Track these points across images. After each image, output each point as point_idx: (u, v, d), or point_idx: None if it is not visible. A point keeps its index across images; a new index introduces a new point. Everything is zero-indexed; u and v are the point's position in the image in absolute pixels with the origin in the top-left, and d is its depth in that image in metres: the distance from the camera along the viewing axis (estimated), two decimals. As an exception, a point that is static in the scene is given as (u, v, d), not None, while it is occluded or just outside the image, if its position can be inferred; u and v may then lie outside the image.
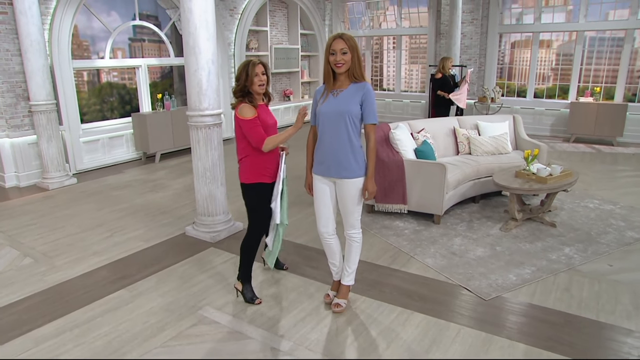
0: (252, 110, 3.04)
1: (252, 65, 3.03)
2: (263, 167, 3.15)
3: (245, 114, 3.02)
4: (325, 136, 2.83)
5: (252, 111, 3.04)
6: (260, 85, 3.07)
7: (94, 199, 5.84)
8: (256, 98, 3.11)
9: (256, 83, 3.04)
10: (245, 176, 3.22)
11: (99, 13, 7.73)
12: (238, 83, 3.07)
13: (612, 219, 4.73)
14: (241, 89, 3.06)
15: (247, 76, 3.02)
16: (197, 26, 3.94)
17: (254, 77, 3.02)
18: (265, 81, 3.08)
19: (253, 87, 3.05)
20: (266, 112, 3.19)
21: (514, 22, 10.03)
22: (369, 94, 2.80)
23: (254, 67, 3.02)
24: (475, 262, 3.76)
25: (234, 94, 3.12)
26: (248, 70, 3.02)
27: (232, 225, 4.54)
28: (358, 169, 2.87)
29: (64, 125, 6.90)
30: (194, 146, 4.26)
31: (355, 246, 3.05)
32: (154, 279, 3.70)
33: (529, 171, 4.54)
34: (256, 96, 3.11)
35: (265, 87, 3.11)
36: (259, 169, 3.15)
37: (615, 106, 8.56)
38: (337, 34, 2.73)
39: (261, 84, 3.07)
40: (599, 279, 3.50)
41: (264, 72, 3.07)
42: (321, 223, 3.03)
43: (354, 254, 3.07)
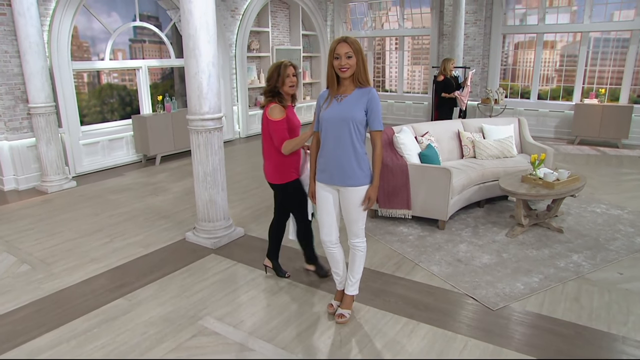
0: (281, 112, 3.15)
1: (284, 66, 3.15)
2: (289, 165, 3.29)
3: (274, 115, 3.14)
4: (329, 143, 2.75)
5: (281, 113, 3.15)
6: (291, 86, 3.18)
7: (93, 202, 5.76)
8: (285, 99, 3.22)
9: (287, 84, 3.15)
10: (276, 177, 3.36)
11: (99, 14, 7.67)
12: (269, 83, 3.20)
13: (620, 224, 4.64)
14: (271, 90, 3.19)
15: (278, 76, 3.14)
16: (198, 28, 3.86)
17: (286, 78, 3.14)
18: (295, 82, 3.20)
19: (284, 88, 3.17)
20: (293, 114, 3.30)
21: (518, 22, 9.93)
22: (374, 99, 2.72)
23: (286, 69, 3.14)
24: (481, 270, 3.68)
25: (265, 94, 3.25)
26: (280, 71, 3.14)
27: (233, 231, 4.46)
28: (363, 177, 2.79)
29: (63, 128, 6.83)
30: (194, 150, 4.18)
31: (360, 255, 2.97)
32: (154, 287, 3.62)
33: (536, 176, 4.46)
34: (286, 97, 3.22)
35: (295, 88, 3.22)
36: (287, 167, 3.29)
37: (620, 108, 8.47)
38: (341, 37, 2.65)
39: (292, 85, 3.18)
40: (609, 288, 3.41)
41: (294, 74, 3.18)
42: (324, 232, 2.94)
43: (358, 263, 2.99)
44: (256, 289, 3.53)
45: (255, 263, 3.95)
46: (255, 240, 4.45)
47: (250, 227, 4.78)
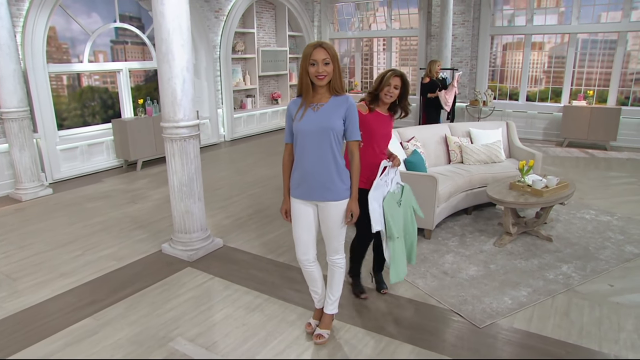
0: (363, 108, 3.13)
1: (389, 75, 3.07)
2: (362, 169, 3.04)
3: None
4: (306, 155, 2.57)
5: (362, 108, 3.13)
6: (387, 95, 3.08)
7: (68, 211, 5.54)
8: (380, 105, 3.15)
9: (384, 91, 3.08)
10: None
11: (78, 14, 7.43)
12: (373, 85, 3.17)
13: (609, 231, 4.53)
14: (372, 92, 3.16)
15: (381, 82, 3.09)
16: (170, 31, 3.67)
17: (386, 86, 3.06)
18: (395, 95, 3.08)
19: (381, 94, 3.10)
20: (381, 121, 3.16)
21: (506, 23, 9.85)
22: (353, 108, 2.56)
23: (390, 78, 3.05)
24: (467, 283, 3.53)
25: (368, 93, 3.21)
26: (384, 78, 3.08)
27: (211, 242, 4.28)
28: (344, 190, 2.62)
29: (39, 133, 6.59)
30: (169, 159, 3.99)
31: (339, 272, 2.81)
32: (124, 304, 3.43)
33: (524, 183, 4.33)
34: (381, 103, 3.14)
35: (391, 98, 3.10)
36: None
37: (608, 110, 8.40)
38: (316, 42, 2.48)
39: (388, 94, 3.08)
40: (599, 301, 3.29)
41: (396, 86, 3.06)
42: (301, 250, 2.76)
43: (337, 280, 2.82)
44: (232, 306, 3.35)
45: (232, 277, 3.77)
46: (234, 252, 4.27)
47: (230, 238, 4.59)
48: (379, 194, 2.93)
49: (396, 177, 3.04)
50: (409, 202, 3.10)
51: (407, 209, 3.09)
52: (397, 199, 3.02)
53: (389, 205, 2.93)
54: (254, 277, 3.76)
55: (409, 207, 3.10)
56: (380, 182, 2.95)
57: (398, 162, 3.05)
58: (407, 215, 3.08)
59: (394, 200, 2.98)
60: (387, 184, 2.98)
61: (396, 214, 2.97)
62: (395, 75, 3.04)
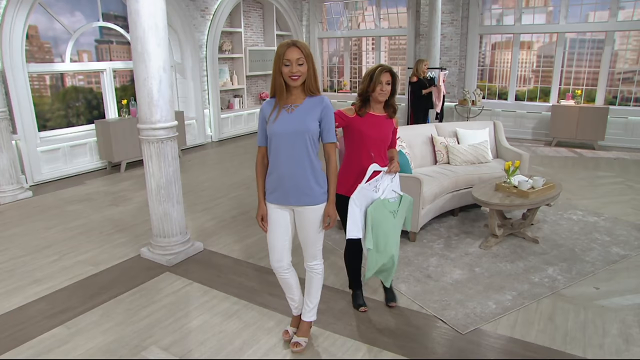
0: (350, 110, 2.96)
1: (378, 71, 2.86)
2: (341, 175, 2.96)
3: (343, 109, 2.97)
4: (281, 159, 2.47)
5: (350, 111, 2.96)
6: (381, 94, 2.88)
7: (47, 215, 5.40)
8: (373, 106, 2.96)
9: (377, 91, 2.87)
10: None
11: (60, 13, 7.28)
12: (361, 87, 2.96)
13: (596, 232, 4.49)
14: (362, 93, 2.95)
15: (370, 81, 2.88)
16: (146, 30, 3.56)
17: (377, 85, 2.87)
18: (388, 92, 2.89)
19: (374, 94, 2.90)
20: (375, 124, 2.93)
21: (495, 23, 9.81)
22: (329, 109, 2.47)
23: (380, 74, 2.85)
24: (451, 287, 3.46)
25: (358, 95, 3.00)
26: (373, 76, 2.87)
27: (190, 246, 4.17)
28: (321, 194, 2.53)
29: (18, 134, 6.43)
30: (146, 162, 3.88)
31: (317, 279, 2.72)
32: (98, 312, 3.31)
33: (510, 184, 4.27)
34: (374, 104, 2.95)
35: (384, 96, 2.91)
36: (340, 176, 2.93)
37: (596, 109, 8.39)
38: (289, 41, 2.39)
39: (382, 93, 2.89)
40: (584, 305, 3.23)
41: (388, 82, 2.87)
42: (275, 257, 2.66)
43: (316, 287, 2.73)
44: (209, 313, 3.25)
45: (211, 282, 3.67)
46: (214, 256, 4.17)
47: (211, 241, 4.49)
48: (363, 199, 2.81)
49: (392, 185, 2.88)
50: (404, 214, 2.94)
51: (401, 221, 2.94)
52: (391, 208, 2.85)
53: (377, 212, 2.79)
54: (233, 282, 3.67)
55: (403, 220, 2.96)
56: (366, 186, 2.82)
57: (395, 169, 2.90)
58: (398, 228, 2.93)
59: (387, 209, 2.83)
60: (377, 189, 2.84)
61: (386, 225, 2.82)
62: (384, 71, 2.86)
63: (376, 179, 2.85)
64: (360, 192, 2.81)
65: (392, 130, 3.03)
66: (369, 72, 2.91)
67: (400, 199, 2.91)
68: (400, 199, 2.92)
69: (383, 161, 2.95)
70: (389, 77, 2.87)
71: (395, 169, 2.90)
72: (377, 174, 2.88)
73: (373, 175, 2.86)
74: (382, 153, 2.98)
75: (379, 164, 2.88)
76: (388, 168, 2.89)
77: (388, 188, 2.85)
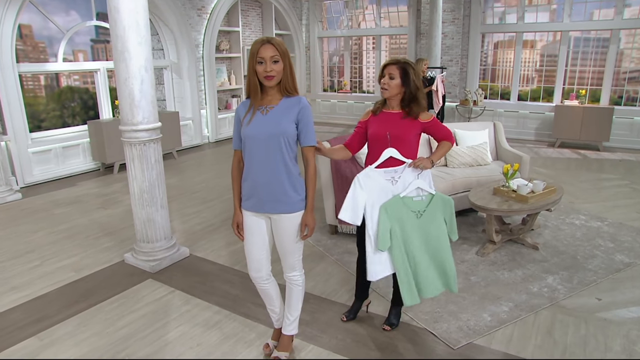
0: (365, 115, 2.79)
1: (383, 64, 2.64)
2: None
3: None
4: (255, 164, 2.31)
5: (365, 115, 2.79)
6: (382, 89, 2.63)
7: (36, 217, 5.27)
8: (388, 103, 2.71)
9: (381, 85, 2.64)
10: None
11: (56, 12, 7.16)
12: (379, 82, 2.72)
13: (599, 238, 4.30)
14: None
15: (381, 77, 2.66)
16: (126, 28, 3.41)
17: (381, 78, 2.65)
18: (389, 85, 2.60)
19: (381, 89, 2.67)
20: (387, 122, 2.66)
21: (497, 21, 9.61)
22: (306, 110, 2.31)
23: (384, 68, 2.63)
24: (445, 297, 3.28)
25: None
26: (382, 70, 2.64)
27: (176, 251, 4.02)
28: (298, 201, 2.37)
29: (8, 135, 6.31)
30: (128, 165, 3.74)
31: (297, 290, 2.56)
32: (75, 321, 3.17)
33: (509, 188, 4.09)
34: (388, 101, 2.70)
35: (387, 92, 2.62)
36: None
37: (601, 110, 8.18)
38: (263, 37, 2.23)
39: (383, 88, 2.62)
40: (586, 317, 3.04)
41: (392, 76, 2.59)
42: (253, 267, 2.50)
43: (296, 299, 2.57)
44: (189, 323, 3.10)
45: (194, 290, 3.52)
46: (200, 262, 4.02)
47: (199, 246, 4.34)
48: (373, 186, 2.56)
49: (418, 182, 2.55)
50: (438, 216, 2.58)
51: (432, 224, 2.58)
52: (415, 207, 2.55)
53: (392, 209, 2.52)
54: (217, 291, 3.51)
55: (438, 223, 2.59)
56: (379, 172, 2.56)
57: (423, 165, 2.53)
58: (429, 231, 2.58)
59: (408, 207, 2.55)
60: (394, 181, 2.56)
61: (408, 225, 2.55)
62: (389, 64, 2.61)
63: (395, 170, 2.58)
64: (369, 176, 2.58)
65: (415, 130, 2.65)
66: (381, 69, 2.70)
67: (431, 199, 2.57)
68: (430, 198, 2.58)
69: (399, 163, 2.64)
70: (394, 69, 2.59)
71: (423, 165, 2.53)
72: (397, 163, 2.60)
73: (389, 164, 2.60)
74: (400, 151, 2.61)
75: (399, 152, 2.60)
76: (412, 162, 2.57)
77: (412, 185, 2.54)
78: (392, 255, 2.57)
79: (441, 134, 2.72)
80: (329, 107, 11.86)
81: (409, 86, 2.61)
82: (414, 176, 2.57)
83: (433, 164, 2.59)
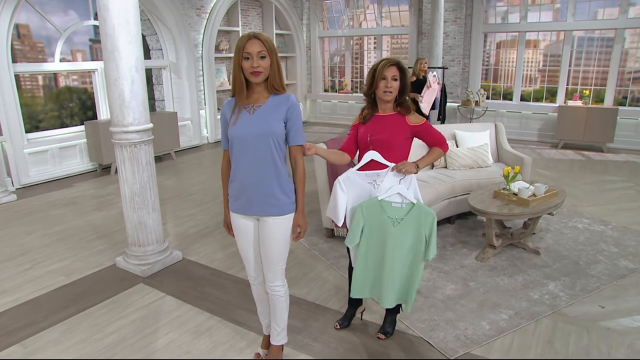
0: (356, 119, 2.72)
1: (382, 65, 2.51)
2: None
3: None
4: (243, 164, 2.23)
5: (356, 119, 2.72)
6: (385, 92, 2.52)
7: (29, 219, 5.20)
8: (380, 107, 2.62)
9: (381, 88, 2.52)
10: None
11: (54, 12, 7.09)
12: (365, 85, 2.63)
13: (603, 242, 4.19)
14: (366, 93, 2.64)
15: (373, 78, 2.54)
16: (116, 26, 3.33)
17: (380, 80, 2.51)
18: (395, 88, 2.51)
19: (378, 93, 2.55)
20: (382, 124, 2.57)
21: (499, 21, 9.49)
22: (295, 108, 2.22)
23: (384, 69, 2.50)
24: (442, 304, 3.18)
25: (364, 96, 2.70)
26: (376, 71, 2.52)
27: (168, 255, 3.94)
28: (288, 204, 2.28)
29: (3, 136, 6.25)
30: (119, 167, 3.66)
31: (281, 302, 2.45)
32: (62, 327, 3.09)
33: (509, 191, 3.98)
34: (381, 104, 2.61)
35: (391, 94, 2.53)
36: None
37: (605, 110, 8.05)
38: (249, 33, 2.14)
39: (386, 91, 2.51)
40: (588, 326, 2.94)
41: (395, 77, 2.50)
42: (250, 267, 2.46)
43: (280, 310, 2.47)
44: (178, 330, 3.01)
45: (185, 295, 3.44)
46: (193, 266, 3.93)
47: (192, 249, 4.26)
48: (354, 188, 2.53)
49: (400, 187, 2.45)
50: (415, 228, 2.47)
51: (408, 235, 2.47)
52: (393, 214, 2.44)
53: (369, 212, 2.46)
54: (209, 296, 3.42)
55: (415, 236, 2.47)
56: (360, 175, 2.53)
57: (406, 169, 2.45)
58: (403, 242, 2.47)
59: (385, 212, 2.45)
60: (375, 185, 2.50)
61: (381, 232, 2.47)
62: (390, 65, 2.49)
63: (377, 173, 2.51)
64: (349, 179, 2.54)
65: (404, 132, 2.57)
66: (373, 68, 2.57)
67: (410, 209, 2.46)
68: (410, 208, 2.46)
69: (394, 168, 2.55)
70: (396, 71, 2.50)
71: (406, 169, 2.45)
72: (379, 167, 2.53)
73: (373, 167, 2.53)
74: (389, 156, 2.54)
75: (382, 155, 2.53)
76: (395, 165, 2.49)
77: (392, 190, 2.45)
78: (357, 251, 2.57)
79: (433, 139, 2.64)
80: (329, 108, 11.76)
81: (405, 84, 2.57)
82: (395, 180, 2.51)
83: (418, 169, 2.51)
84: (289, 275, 3.68)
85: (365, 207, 2.49)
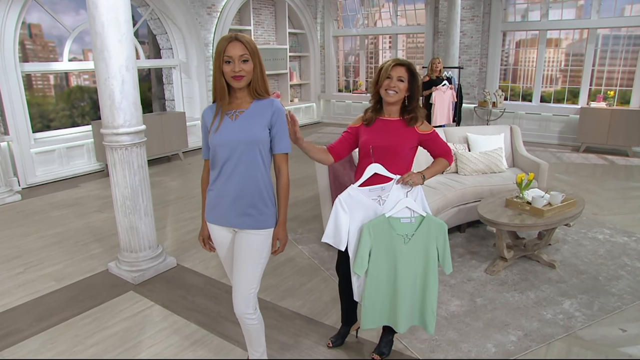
0: (357, 120, 2.52)
1: (388, 65, 2.34)
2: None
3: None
4: (224, 173, 2.05)
5: (356, 121, 2.52)
6: (388, 91, 2.32)
7: (30, 220, 5.14)
8: (385, 109, 2.42)
9: (384, 86, 2.34)
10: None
11: (65, 11, 7.08)
12: (372, 85, 2.46)
13: (625, 256, 3.88)
14: (372, 90, 2.45)
15: (379, 77, 2.36)
16: (105, 25, 3.19)
17: (385, 79, 2.33)
18: (400, 89, 2.31)
19: (381, 91, 2.37)
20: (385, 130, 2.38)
21: (519, 19, 9.13)
22: (280, 114, 2.03)
23: (389, 68, 2.32)
24: (446, 322, 2.95)
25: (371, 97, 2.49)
26: (382, 70, 2.35)
27: (162, 261, 3.79)
28: (269, 217, 2.10)
29: (10, 135, 6.23)
30: (110, 170, 3.53)
31: (256, 329, 2.24)
32: (43, 337, 2.96)
33: (523, 199, 3.71)
34: (386, 107, 2.41)
35: (395, 95, 2.32)
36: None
37: (631, 112, 7.64)
38: (230, 34, 1.96)
39: (389, 90, 2.32)
40: (607, 352, 2.67)
41: (400, 78, 2.30)
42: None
43: (256, 336, 2.27)
44: (163, 343, 2.85)
45: (174, 305, 3.28)
46: (186, 274, 3.78)
47: (188, 255, 4.11)
48: (357, 205, 2.30)
49: (408, 200, 2.26)
50: (428, 243, 2.29)
51: (421, 251, 2.29)
52: (402, 231, 2.26)
53: (377, 230, 2.25)
54: (199, 306, 3.26)
55: (428, 251, 2.29)
56: (362, 191, 2.31)
57: (413, 180, 2.25)
58: (417, 259, 2.29)
59: (394, 229, 2.25)
60: (380, 201, 2.30)
61: (393, 251, 2.26)
62: (397, 65, 2.31)
63: (381, 187, 2.31)
64: (352, 196, 2.31)
65: (412, 141, 2.37)
66: (381, 66, 2.39)
67: (421, 222, 2.27)
68: (420, 221, 2.28)
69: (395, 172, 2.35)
70: (404, 72, 2.31)
71: (413, 181, 2.25)
72: (383, 180, 2.32)
73: (376, 181, 2.33)
74: (393, 166, 2.34)
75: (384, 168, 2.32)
76: (401, 177, 2.29)
77: (400, 204, 2.26)
78: (365, 278, 2.32)
79: (439, 150, 2.43)
80: (343, 108, 11.54)
81: (415, 90, 2.35)
82: (403, 193, 2.27)
83: (424, 179, 2.28)
84: (285, 286, 3.51)
85: (373, 226, 2.26)
